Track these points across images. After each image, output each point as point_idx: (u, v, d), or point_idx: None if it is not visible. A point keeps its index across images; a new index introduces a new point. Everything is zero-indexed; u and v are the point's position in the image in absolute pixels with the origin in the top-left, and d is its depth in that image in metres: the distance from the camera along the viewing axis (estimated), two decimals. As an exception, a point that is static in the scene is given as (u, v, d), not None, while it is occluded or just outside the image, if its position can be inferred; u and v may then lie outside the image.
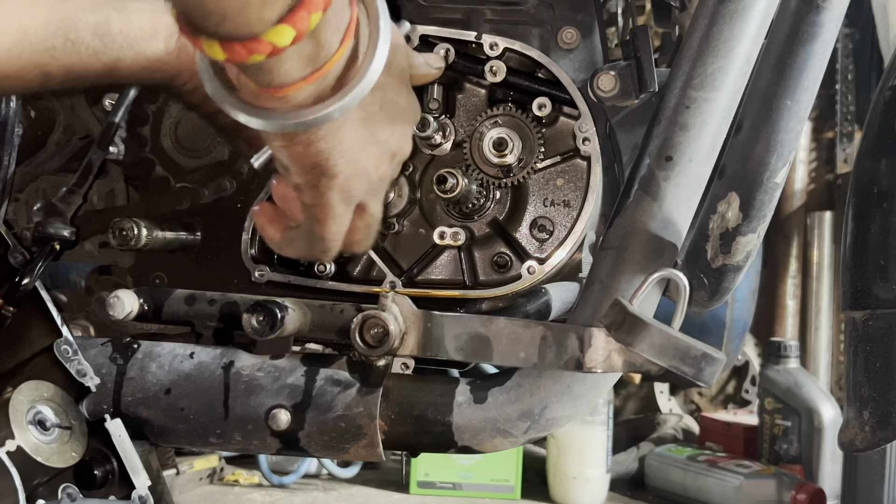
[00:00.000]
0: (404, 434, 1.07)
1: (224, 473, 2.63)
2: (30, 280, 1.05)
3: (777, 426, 2.66)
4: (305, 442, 1.07)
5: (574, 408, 1.05)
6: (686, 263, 1.03)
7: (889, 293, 1.02)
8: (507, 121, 1.12)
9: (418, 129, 1.10)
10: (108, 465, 1.05)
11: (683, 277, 0.96)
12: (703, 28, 1.01)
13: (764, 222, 1.02)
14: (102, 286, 1.23)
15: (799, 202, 3.38)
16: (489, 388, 1.07)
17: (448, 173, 1.09)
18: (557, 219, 1.14)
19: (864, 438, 1.03)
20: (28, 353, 1.06)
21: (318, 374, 1.08)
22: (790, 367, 2.69)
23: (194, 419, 1.08)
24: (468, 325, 1.02)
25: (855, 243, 1.05)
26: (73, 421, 1.04)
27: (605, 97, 1.10)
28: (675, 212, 1.00)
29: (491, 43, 1.10)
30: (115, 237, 1.13)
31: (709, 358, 0.92)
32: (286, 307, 1.07)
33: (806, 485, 2.45)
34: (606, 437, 2.59)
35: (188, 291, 1.15)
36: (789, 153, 1.00)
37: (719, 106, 1.00)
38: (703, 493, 2.55)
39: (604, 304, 0.98)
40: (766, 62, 1.00)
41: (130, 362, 1.10)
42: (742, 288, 2.85)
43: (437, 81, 1.14)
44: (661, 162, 1.00)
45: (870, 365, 1.03)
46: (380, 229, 1.16)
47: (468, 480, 2.58)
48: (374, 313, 1.03)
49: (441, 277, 1.16)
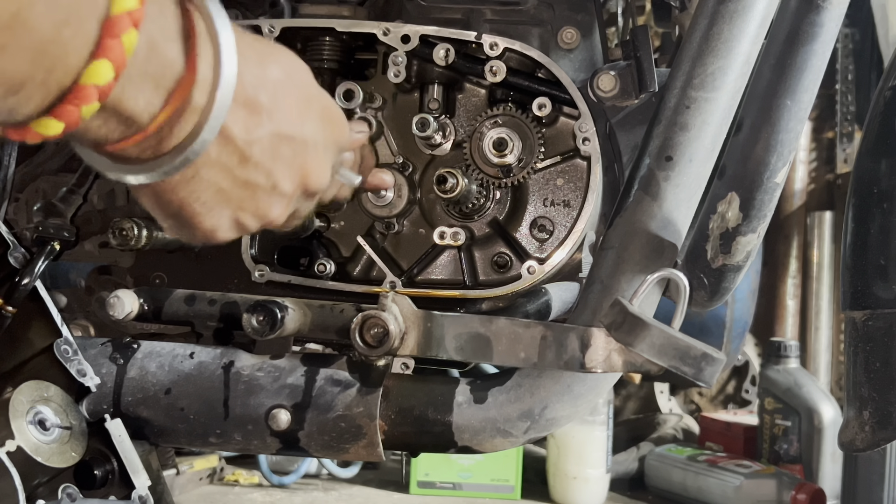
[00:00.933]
0: (404, 434, 1.07)
1: (224, 473, 2.63)
2: (30, 280, 1.05)
3: (777, 426, 2.66)
4: (305, 442, 1.07)
5: (574, 408, 1.05)
6: (686, 263, 1.03)
7: (889, 293, 1.02)
8: (507, 121, 1.12)
9: (418, 128, 1.10)
10: (108, 465, 1.05)
11: (683, 277, 0.96)
12: (703, 28, 1.01)
13: (764, 222, 1.02)
14: (102, 286, 1.23)
15: (799, 202, 3.38)
16: (489, 388, 1.07)
17: (448, 173, 1.09)
18: (557, 219, 1.14)
19: (864, 438, 1.03)
20: (28, 353, 1.06)
21: (318, 374, 1.08)
22: (790, 367, 2.69)
23: (194, 419, 1.08)
24: (468, 325, 1.02)
25: (855, 243, 1.05)
26: (73, 421, 1.04)
27: (605, 97, 1.10)
28: (675, 212, 1.00)
29: (491, 43, 1.10)
30: (115, 237, 1.13)
31: (709, 358, 0.92)
32: (286, 307, 1.07)
33: (806, 485, 2.45)
34: (606, 437, 2.59)
35: (188, 291, 1.15)
36: (789, 153, 1.00)
37: (719, 106, 1.00)
38: (703, 493, 2.54)
39: (604, 304, 0.98)
40: (766, 62, 1.00)
41: (130, 362, 1.10)
42: (742, 288, 2.85)
43: (438, 81, 1.14)
44: (661, 162, 1.00)
45: (870, 365, 1.03)
46: (380, 229, 1.17)
47: (468, 480, 2.58)
48: (374, 313, 1.02)
49: (441, 277, 1.16)
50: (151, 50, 0.63)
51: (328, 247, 1.19)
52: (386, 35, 1.12)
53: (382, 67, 1.15)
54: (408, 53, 1.12)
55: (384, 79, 1.15)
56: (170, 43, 0.65)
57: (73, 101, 0.60)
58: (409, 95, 1.16)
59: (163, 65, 0.64)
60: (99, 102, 0.61)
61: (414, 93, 1.16)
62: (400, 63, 1.12)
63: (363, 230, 1.17)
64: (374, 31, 1.12)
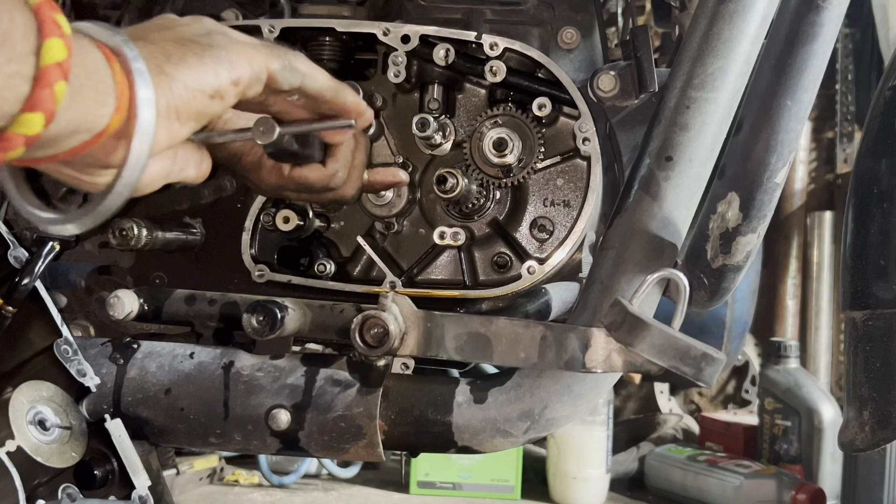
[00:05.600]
0: (404, 434, 1.07)
1: (224, 473, 2.63)
2: (30, 280, 1.05)
3: (777, 426, 2.66)
4: (305, 442, 1.07)
5: (574, 408, 1.05)
6: (686, 263, 1.03)
7: (889, 293, 1.02)
8: (507, 121, 1.12)
9: (418, 128, 1.10)
10: (108, 465, 1.05)
11: (683, 277, 0.96)
12: (703, 28, 1.01)
13: (764, 222, 1.02)
14: (102, 286, 1.23)
15: (799, 202, 3.37)
16: (489, 388, 1.07)
17: (448, 173, 1.09)
18: (557, 219, 1.14)
19: (864, 438, 1.03)
20: (28, 353, 1.06)
21: (318, 374, 1.08)
22: (790, 367, 2.69)
23: (194, 419, 1.08)
24: (468, 325, 1.02)
25: (855, 243, 1.05)
26: (73, 421, 1.04)
27: (605, 97, 1.10)
28: (675, 212, 1.00)
29: (491, 43, 1.10)
30: (115, 237, 1.13)
31: (709, 358, 0.92)
32: (286, 307, 1.07)
33: (806, 485, 2.45)
34: (606, 437, 2.59)
35: (188, 291, 1.15)
36: (789, 153, 1.00)
37: (719, 106, 1.00)
38: (703, 493, 2.54)
39: (604, 304, 0.98)
40: (766, 62, 1.00)
41: (130, 362, 1.10)
42: (742, 288, 2.85)
43: (438, 82, 1.14)
44: (661, 162, 1.00)
45: (870, 365, 1.03)
46: (380, 229, 1.17)
47: (468, 480, 2.58)
48: (374, 313, 1.02)
49: (441, 277, 1.16)
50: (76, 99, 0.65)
51: (328, 247, 1.19)
52: (386, 35, 1.12)
53: (382, 67, 1.15)
54: (408, 53, 1.12)
55: (384, 79, 1.15)
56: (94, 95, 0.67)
57: (43, 81, 0.61)
58: (409, 95, 1.16)
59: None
60: (24, 148, 0.63)
61: (414, 93, 1.16)
62: (400, 63, 1.12)
63: (363, 230, 1.17)
64: (374, 31, 1.12)
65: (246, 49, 0.82)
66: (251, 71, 0.82)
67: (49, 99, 0.61)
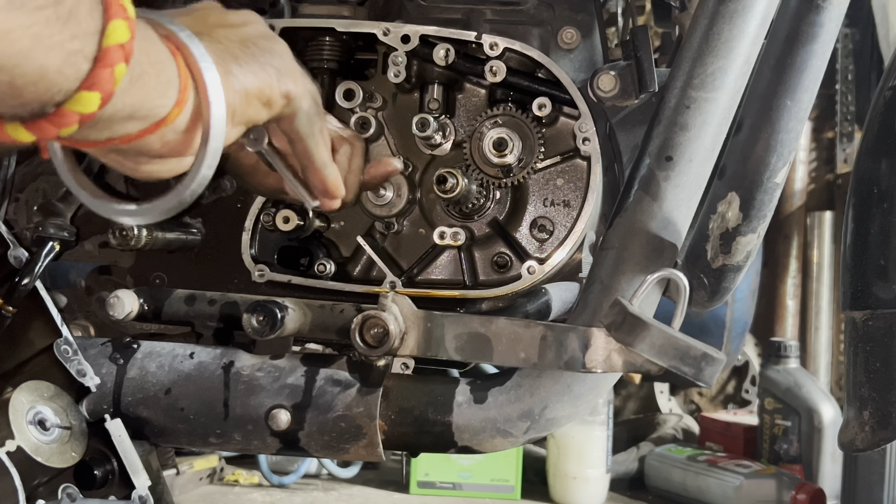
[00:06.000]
0: (404, 434, 1.07)
1: (224, 473, 2.63)
2: (30, 280, 1.05)
3: (777, 426, 2.66)
4: (305, 442, 1.07)
5: (574, 408, 1.05)
6: (686, 263, 1.03)
7: (889, 293, 1.02)
8: (507, 121, 1.12)
9: (418, 128, 1.10)
10: (108, 465, 1.05)
11: (683, 277, 0.96)
12: (703, 28, 1.01)
13: (764, 222, 1.02)
14: (102, 286, 1.23)
15: (799, 202, 3.38)
16: (489, 388, 1.07)
17: (448, 173, 1.09)
18: (557, 219, 1.14)
19: (864, 438, 1.03)
20: (28, 353, 1.06)
21: (318, 374, 1.08)
22: (790, 367, 2.69)
23: (194, 419, 1.08)
24: (468, 325, 1.02)
25: (855, 243, 1.05)
26: (73, 421, 1.04)
27: (605, 97, 1.10)
28: (675, 212, 1.00)
29: (491, 43, 1.10)
30: (115, 237, 1.13)
31: (709, 358, 0.92)
32: (286, 307, 1.07)
33: (806, 485, 2.45)
34: (606, 437, 2.59)
35: (188, 291, 1.15)
36: (789, 153, 1.00)
37: (719, 106, 1.00)
38: (703, 493, 2.54)
39: (604, 304, 0.98)
40: (766, 62, 1.00)
41: (130, 362, 1.10)
42: (742, 288, 2.85)
43: (438, 81, 1.14)
44: (661, 162, 1.00)
45: (870, 365, 1.03)
46: (380, 229, 1.17)
47: (468, 480, 2.58)
48: (374, 313, 1.02)
49: (441, 277, 1.16)
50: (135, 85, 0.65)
51: (328, 247, 1.19)
52: (386, 35, 1.12)
53: (382, 67, 1.15)
54: (408, 53, 1.12)
55: (384, 79, 1.15)
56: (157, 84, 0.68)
57: (103, 62, 0.61)
58: (409, 95, 1.16)
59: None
60: (78, 126, 0.63)
61: (414, 93, 1.16)
62: (400, 63, 1.12)
63: (363, 230, 1.17)
64: (374, 31, 1.12)
65: (296, 67, 0.83)
66: (297, 90, 0.82)
67: (108, 79, 0.62)
